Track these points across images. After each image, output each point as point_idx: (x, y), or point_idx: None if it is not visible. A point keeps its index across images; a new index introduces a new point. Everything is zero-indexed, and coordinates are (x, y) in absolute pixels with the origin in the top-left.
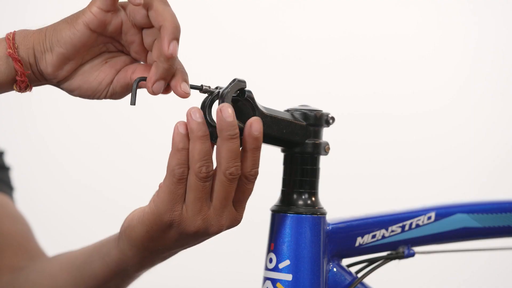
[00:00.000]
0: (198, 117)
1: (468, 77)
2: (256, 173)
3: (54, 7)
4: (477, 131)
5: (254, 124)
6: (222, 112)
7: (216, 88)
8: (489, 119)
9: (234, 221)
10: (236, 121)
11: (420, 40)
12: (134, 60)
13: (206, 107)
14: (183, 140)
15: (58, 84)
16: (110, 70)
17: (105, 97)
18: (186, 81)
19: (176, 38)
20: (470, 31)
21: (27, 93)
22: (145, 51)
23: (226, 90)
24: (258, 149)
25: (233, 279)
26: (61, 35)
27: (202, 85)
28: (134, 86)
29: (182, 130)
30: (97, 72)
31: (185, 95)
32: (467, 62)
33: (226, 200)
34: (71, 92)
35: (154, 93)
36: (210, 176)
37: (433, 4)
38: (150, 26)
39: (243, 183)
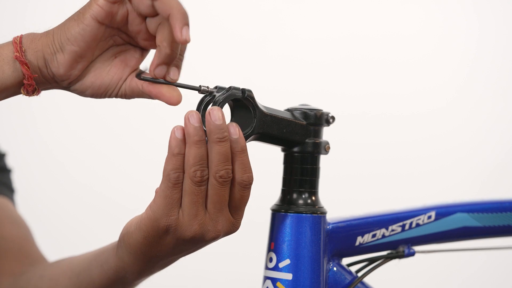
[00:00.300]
0: (196, 121)
1: (468, 77)
2: (249, 179)
3: (54, 7)
4: (477, 131)
5: (230, 129)
6: (211, 115)
7: (216, 87)
8: (489, 119)
9: (232, 227)
10: (225, 124)
11: (420, 40)
12: (142, 52)
13: (201, 109)
14: (179, 145)
15: (69, 85)
16: (120, 64)
17: (116, 95)
18: (178, 66)
19: (186, 23)
20: (470, 31)
21: None
22: (153, 37)
23: (219, 99)
24: (243, 152)
25: (233, 279)
26: (71, 32)
27: (200, 86)
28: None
29: (178, 135)
30: (108, 67)
31: (172, 81)
32: (467, 62)
33: (220, 205)
34: (83, 92)
35: (156, 77)
36: (204, 181)
37: (433, 5)
38: (155, 14)
39: (237, 190)
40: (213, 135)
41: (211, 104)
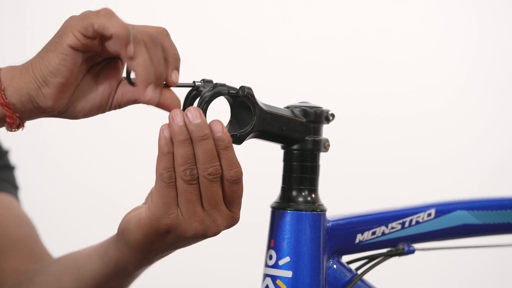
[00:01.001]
0: (180, 120)
1: (468, 77)
2: (237, 174)
3: (54, 7)
4: (477, 131)
5: (213, 127)
6: (189, 115)
7: (202, 81)
8: (489, 119)
9: (231, 221)
10: (204, 122)
11: (420, 40)
12: (122, 61)
13: (187, 104)
14: (168, 144)
15: (59, 113)
16: (105, 80)
17: (109, 109)
18: (177, 68)
19: (150, 83)
20: (470, 31)
21: None
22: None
23: (205, 97)
24: (228, 149)
25: (233, 277)
26: (52, 65)
27: (194, 82)
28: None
29: (166, 133)
30: (95, 87)
31: (173, 84)
32: (467, 62)
33: (215, 201)
34: (76, 116)
35: (151, 101)
36: (195, 179)
37: (433, 4)
38: None
39: (228, 185)
40: (194, 134)
41: (197, 100)
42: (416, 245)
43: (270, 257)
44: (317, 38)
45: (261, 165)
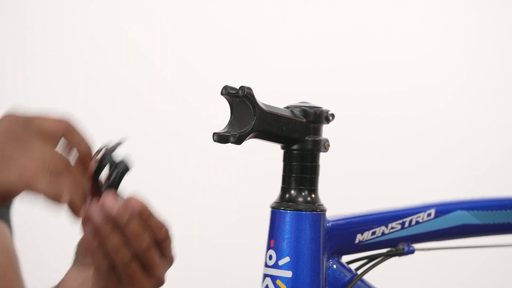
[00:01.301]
0: (99, 216)
1: (468, 77)
2: (166, 232)
3: (54, 7)
4: (477, 131)
5: (131, 205)
6: (105, 208)
7: (104, 149)
8: (489, 119)
9: (170, 264)
10: (122, 207)
11: (420, 40)
12: None
13: (99, 174)
14: (96, 239)
15: None
16: None
17: None
18: (91, 159)
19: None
20: (470, 31)
21: (24, 92)
22: None
23: (114, 180)
24: (150, 217)
25: (233, 277)
26: None
27: (97, 158)
28: None
29: (91, 232)
30: None
31: (91, 172)
32: (467, 62)
33: (155, 263)
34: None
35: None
36: (133, 256)
37: (433, 4)
38: None
39: (160, 243)
40: (117, 222)
41: (109, 184)
42: (416, 245)
43: (270, 257)
44: (317, 38)
45: (261, 165)
